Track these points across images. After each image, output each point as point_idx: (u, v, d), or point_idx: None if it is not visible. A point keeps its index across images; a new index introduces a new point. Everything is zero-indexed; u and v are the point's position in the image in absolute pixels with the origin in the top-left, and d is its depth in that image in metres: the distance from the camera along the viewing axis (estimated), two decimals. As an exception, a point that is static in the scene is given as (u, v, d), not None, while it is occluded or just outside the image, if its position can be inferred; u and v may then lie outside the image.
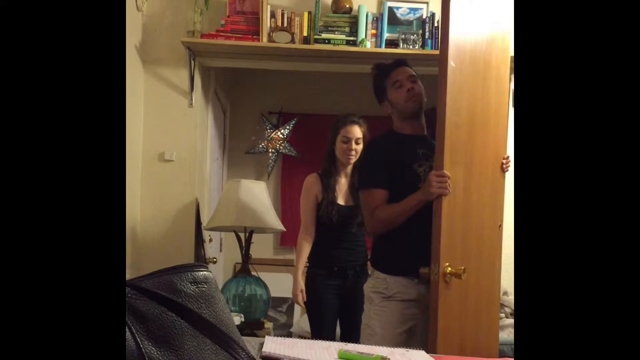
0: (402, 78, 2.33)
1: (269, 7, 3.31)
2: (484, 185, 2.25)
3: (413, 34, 3.34)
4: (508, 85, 2.43)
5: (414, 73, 2.37)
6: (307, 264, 3.07)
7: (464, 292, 2.07)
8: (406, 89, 2.31)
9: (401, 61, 2.43)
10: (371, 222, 2.27)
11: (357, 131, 2.93)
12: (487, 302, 2.26)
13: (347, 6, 3.39)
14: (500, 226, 2.33)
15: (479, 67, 2.24)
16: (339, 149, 2.96)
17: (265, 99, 4.93)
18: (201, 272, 0.87)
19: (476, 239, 2.20)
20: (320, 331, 2.93)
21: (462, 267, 2.00)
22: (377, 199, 2.22)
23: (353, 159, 2.94)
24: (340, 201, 2.99)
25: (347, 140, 2.93)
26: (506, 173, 2.37)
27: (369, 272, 2.30)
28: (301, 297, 3.00)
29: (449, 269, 1.98)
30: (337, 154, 2.98)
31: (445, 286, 1.97)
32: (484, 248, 2.23)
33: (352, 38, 3.33)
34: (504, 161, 2.36)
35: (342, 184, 3.02)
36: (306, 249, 3.01)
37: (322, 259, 2.98)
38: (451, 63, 2.04)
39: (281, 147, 4.93)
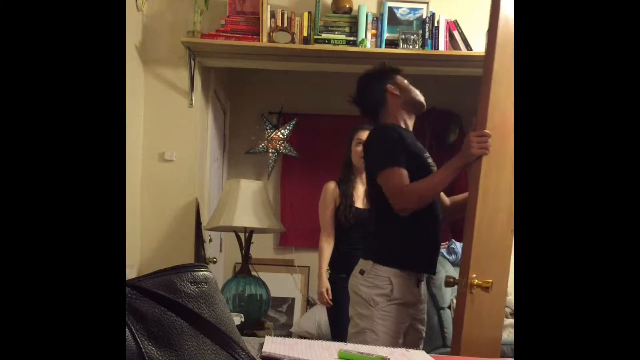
0: (405, 81, 2.30)
1: (269, 7, 3.31)
2: (505, 189, 2.21)
3: (413, 34, 3.34)
4: None
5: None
6: (329, 269, 3.10)
7: (483, 298, 2.05)
8: (416, 91, 2.27)
9: (393, 70, 2.35)
10: (402, 199, 2.08)
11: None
12: (498, 305, 2.25)
13: (347, 6, 3.39)
14: (513, 231, 2.31)
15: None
16: (354, 153, 3.05)
17: (265, 99, 4.94)
18: (201, 272, 0.87)
19: (495, 245, 2.16)
20: (341, 333, 2.93)
21: (490, 281, 1.94)
22: (403, 177, 2.08)
23: None
24: (358, 204, 3.05)
25: (361, 142, 3.00)
26: None
27: (363, 268, 2.15)
28: (326, 296, 3.00)
29: (476, 280, 1.93)
30: (354, 159, 3.07)
31: (471, 297, 1.94)
32: (498, 253, 2.21)
33: (352, 38, 3.33)
34: None
35: (360, 189, 3.10)
36: (327, 249, 3.07)
37: (342, 263, 3.01)
38: (495, 65, 1.98)
39: (281, 147, 4.93)
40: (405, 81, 2.31)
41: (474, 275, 1.93)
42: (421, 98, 2.30)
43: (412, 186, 2.08)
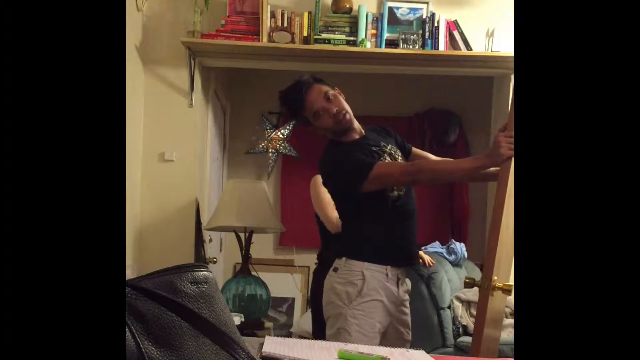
0: (319, 106, 2.10)
1: (269, 7, 3.31)
2: None
3: (413, 34, 3.34)
4: None
5: (327, 88, 2.15)
6: (316, 263, 3.03)
7: (494, 297, 2.05)
8: (330, 114, 2.10)
9: (306, 82, 2.16)
10: (416, 175, 2.05)
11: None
12: (500, 305, 2.24)
13: (347, 6, 3.39)
14: None
15: None
16: None
17: (265, 99, 4.92)
18: (201, 272, 0.87)
19: (508, 247, 2.15)
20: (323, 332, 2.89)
21: (511, 284, 1.92)
22: (397, 163, 2.11)
23: None
24: None
25: None
26: None
27: (337, 266, 2.13)
28: None
29: (498, 283, 1.91)
30: None
31: (491, 299, 1.92)
32: (508, 255, 2.20)
33: (352, 38, 3.33)
34: None
35: None
36: None
37: (332, 258, 2.92)
38: None
39: (281, 147, 4.93)
40: (318, 107, 2.11)
41: (496, 278, 1.92)
42: (338, 116, 2.11)
43: (427, 162, 2.11)
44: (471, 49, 3.37)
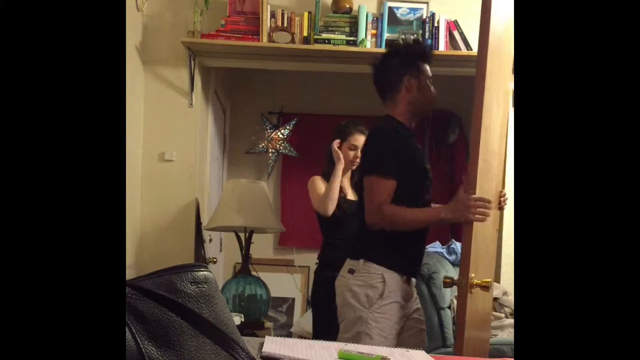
0: (429, 77, 2.22)
1: (269, 7, 3.31)
2: (491, 189, 2.20)
3: (413, 34, 3.34)
4: (509, 99, 2.38)
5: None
6: (317, 263, 3.07)
7: (476, 298, 2.06)
8: (424, 100, 2.20)
9: (429, 54, 2.26)
10: (375, 216, 2.05)
11: (363, 140, 2.96)
12: (487, 304, 2.26)
13: (347, 6, 3.39)
14: (497, 230, 2.33)
15: (502, 75, 2.21)
16: (344, 154, 3.01)
17: (265, 99, 4.94)
18: (201, 272, 0.87)
19: (486, 245, 2.17)
20: (327, 331, 2.89)
21: (489, 280, 1.97)
22: (386, 191, 2.04)
23: (357, 165, 2.97)
24: (349, 197, 3.01)
25: (354, 148, 2.98)
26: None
27: (353, 267, 2.10)
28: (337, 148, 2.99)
29: (476, 280, 1.95)
30: (345, 161, 3.03)
31: (471, 297, 1.95)
32: (488, 252, 2.23)
33: (352, 38, 3.33)
34: (502, 199, 2.22)
35: (345, 183, 3.06)
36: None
37: (331, 257, 2.94)
38: (488, 67, 1.98)
39: (281, 147, 4.93)
40: (429, 78, 2.21)
41: (473, 275, 1.94)
42: (434, 105, 2.22)
43: (390, 209, 2.04)
44: (471, 49, 3.37)
